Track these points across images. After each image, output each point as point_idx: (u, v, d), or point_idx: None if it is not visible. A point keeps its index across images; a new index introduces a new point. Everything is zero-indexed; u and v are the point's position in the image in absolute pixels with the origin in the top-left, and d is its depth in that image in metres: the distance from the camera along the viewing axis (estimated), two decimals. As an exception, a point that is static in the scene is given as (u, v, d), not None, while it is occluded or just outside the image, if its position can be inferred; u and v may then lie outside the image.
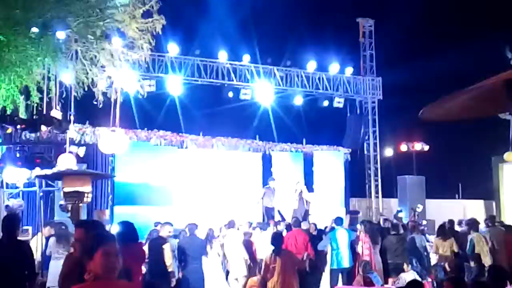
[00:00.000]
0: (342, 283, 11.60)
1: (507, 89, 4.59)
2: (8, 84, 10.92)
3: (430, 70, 21.92)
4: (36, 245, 10.45)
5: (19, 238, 7.21)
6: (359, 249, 11.95)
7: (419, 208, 17.29)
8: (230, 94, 19.20)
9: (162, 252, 9.83)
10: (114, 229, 9.67)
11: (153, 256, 9.80)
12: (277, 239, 9.85)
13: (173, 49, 17.87)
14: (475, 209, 21.08)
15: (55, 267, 8.82)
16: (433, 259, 12.72)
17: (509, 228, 12.71)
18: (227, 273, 12.15)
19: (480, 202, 22.50)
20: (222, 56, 18.79)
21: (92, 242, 3.60)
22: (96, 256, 3.47)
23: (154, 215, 13.95)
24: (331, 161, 19.71)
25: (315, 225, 13.87)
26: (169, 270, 9.88)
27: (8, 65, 10.59)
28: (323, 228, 13.54)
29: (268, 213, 15.91)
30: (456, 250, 11.97)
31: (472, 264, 10.73)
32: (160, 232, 10.34)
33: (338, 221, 12.38)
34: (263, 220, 15.45)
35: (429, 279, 11.77)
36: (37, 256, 9.95)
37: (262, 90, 19.33)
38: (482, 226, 12.78)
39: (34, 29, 10.91)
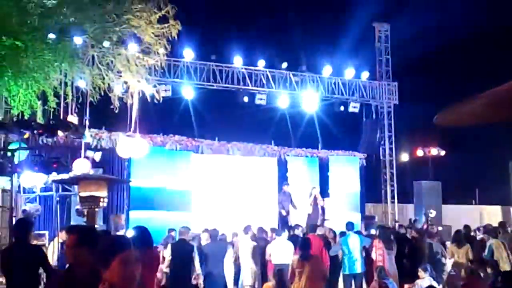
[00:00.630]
0: (355, 288, 11.55)
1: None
2: (26, 89, 11.03)
3: (446, 75, 21.83)
4: (53, 249, 10.53)
5: (33, 242, 7.22)
6: (372, 254, 11.87)
7: (432, 214, 17.17)
8: (246, 99, 19.21)
9: (192, 255, 9.88)
10: (129, 234, 9.71)
11: (181, 259, 9.81)
12: (305, 244, 9.73)
13: (188, 54, 17.93)
14: (492, 214, 20.90)
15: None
16: (448, 266, 12.63)
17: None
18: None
19: (497, 208, 22.30)
20: (237, 61, 18.82)
21: (109, 248, 3.27)
22: (113, 265, 3.13)
23: (170, 220, 13.99)
24: (346, 166, 19.59)
25: (333, 231, 13.80)
26: (198, 272, 9.94)
27: (25, 70, 10.71)
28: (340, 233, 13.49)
29: (283, 218, 15.87)
30: (471, 257, 11.86)
31: (489, 270, 10.62)
32: (183, 235, 10.34)
33: (349, 226, 12.25)
34: (278, 225, 15.40)
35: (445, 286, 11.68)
36: (53, 260, 10.03)
37: (277, 95, 19.35)
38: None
39: (51, 35, 11.03)
